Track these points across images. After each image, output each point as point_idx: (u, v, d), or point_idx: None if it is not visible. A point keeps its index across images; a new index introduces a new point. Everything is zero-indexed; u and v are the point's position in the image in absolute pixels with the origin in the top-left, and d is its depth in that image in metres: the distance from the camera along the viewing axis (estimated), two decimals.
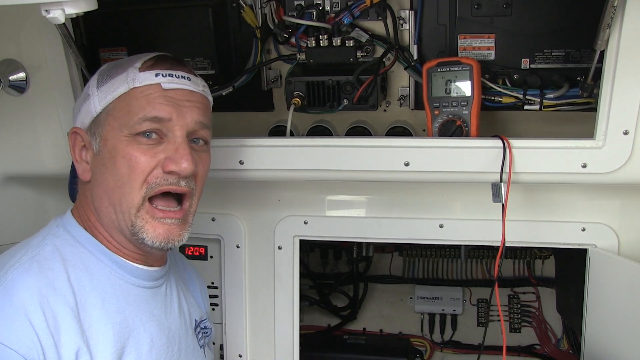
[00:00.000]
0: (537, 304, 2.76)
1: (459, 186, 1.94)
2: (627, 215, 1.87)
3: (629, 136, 1.61)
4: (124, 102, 1.42)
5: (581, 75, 1.72)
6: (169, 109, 1.41)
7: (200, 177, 1.49)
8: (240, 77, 1.93)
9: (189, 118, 1.44)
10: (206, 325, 1.78)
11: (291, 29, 1.89)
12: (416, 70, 1.85)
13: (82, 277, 1.40)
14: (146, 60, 1.46)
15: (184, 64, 1.50)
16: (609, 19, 1.51)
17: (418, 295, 2.83)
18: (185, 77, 1.46)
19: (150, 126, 1.40)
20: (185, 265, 1.84)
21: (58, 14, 1.21)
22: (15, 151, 1.96)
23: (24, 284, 1.31)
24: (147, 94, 1.41)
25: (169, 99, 1.42)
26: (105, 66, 1.51)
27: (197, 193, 1.49)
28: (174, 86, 1.43)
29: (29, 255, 1.37)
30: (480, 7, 1.76)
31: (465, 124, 1.76)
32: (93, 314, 1.38)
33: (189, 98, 1.45)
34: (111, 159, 1.41)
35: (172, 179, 1.41)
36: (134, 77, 1.42)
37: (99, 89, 1.45)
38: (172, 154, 1.40)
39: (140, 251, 1.49)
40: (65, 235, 1.46)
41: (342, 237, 2.12)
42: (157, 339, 1.51)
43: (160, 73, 1.43)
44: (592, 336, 1.90)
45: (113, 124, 1.42)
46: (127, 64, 1.45)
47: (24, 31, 1.83)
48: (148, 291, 1.53)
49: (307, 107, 1.90)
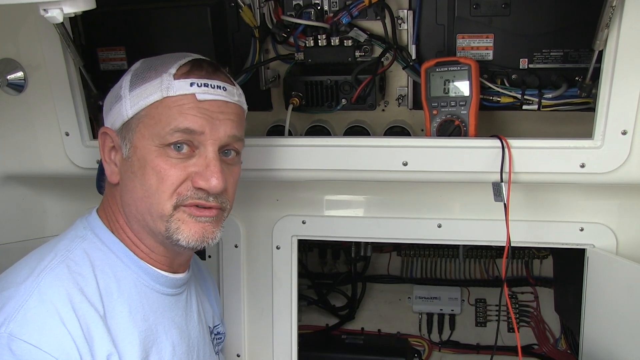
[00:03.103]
0: (536, 303, 2.76)
1: (457, 186, 1.94)
2: (625, 215, 1.87)
3: (627, 136, 1.61)
4: (156, 110, 1.37)
5: (579, 75, 1.72)
6: (201, 122, 1.36)
7: (230, 191, 1.46)
8: (238, 77, 1.92)
9: (222, 132, 1.39)
10: (219, 331, 1.78)
11: (289, 29, 1.89)
12: (414, 70, 1.85)
13: (110, 284, 1.38)
14: (182, 66, 1.40)
15: (220, 71, 1.45)
16: (607, 19, 1.51)
17: (416, 295, 2.84)
18: (221, 87, 1.41)
19: (182, 137, 1.36)
20: (201, 268, 1.83)
21: (56, 13, 1.20)
22: (14, 150, 1.96)
23: (57, 290, 1.29)
24: (181, 104, 1.36)
25: (203, 110, 1.37)
26: (138, 65, 1.46)
27: (229, 205, 1.47)
28: (208, 97, 1.38)
29: (57, 259, 1.35)
30: (478, 7, 1.76)
31: (463, 124, 1.76)
32: (120, 322, 1.37)
33: (223, 110, 1.41)
34: (141, 169, 1.38)
35: (202, 194, 1.38)
36: (169, 85, 1.37)
37: (132, 92, 1.40)
38: (202, 170, 1.37)
39: (169, 254, 1.48)
40: (93, 239, 1.44)
41: (340, 236, 2.12)
42: (179, 347, 1.50)
43: (195, 82, 1.38)
44: (590, 336, 1.90)
45: (144, 132, 1.38)
46: (162, 68, 1.40)
47: (22, 30, 1.83)
48: (171, 298, 1.52)
49: (306, 106, 1.90)
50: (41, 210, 2.17)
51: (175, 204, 1.38)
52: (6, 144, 1.96)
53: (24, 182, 2.08)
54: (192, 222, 1.39)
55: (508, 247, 1.72)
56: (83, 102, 1.88)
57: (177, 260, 1.51)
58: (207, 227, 1.41)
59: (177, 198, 1.37)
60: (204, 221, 1.41)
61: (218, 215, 1.43)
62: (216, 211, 1.42)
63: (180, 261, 1.52)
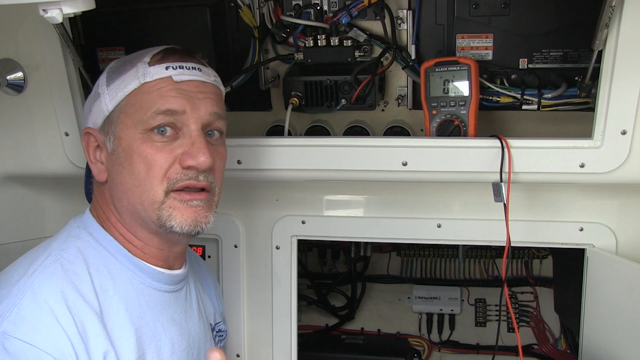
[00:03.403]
0: (535, 303, 2.76)
1: (457, 186, 1.94)
2: (624, 215, 1.87)
3: (626, 136, 1.61)
4: (136, 98, 1.39)
5: (579, 75, 1.73)
6: (182, 102, 1.39)
7: (218, 170, 1.47)
8: (238, 77, 1.92)
9: (203, 110, 1.41)
10: (221, 328, 1.78)
11: (289, 29, 1.89)
12: (414, 70, 1.85)
13: (105, 282, 1.38)
14: (155, 54, 1.43)
15: (193, 55, 1.48)
16: (606, 19, 1.51)
17: (416, 295, 2.84)
18: (196, 67, 1.43)
19: (164, 120, 1.38)
20: (200, 264, 1.83)
21: (56, 13, 1.20)
22: (13, 151, 1.96)
23: (50, 288, 1.29)
24: (159, 87, 1.39)
25: (182, 91, 1.40)
26: (113, 63, 1.49)
27: (217, 186, 1.47)
28: (185, 78, 1.41)
29: (51, 258, 1.35)
30: (478, 7, 1.76)
31: (463, 124, 1.76)
32: (116, 319, 1.37)
33: (201, 89, 1.43)
34: (127, 158, 1.39)
35: (191, 173, 1.39)
36: (144, 72, 1.39)
37: (109, 87, 1.42)
38: (188, 148, 1.38)
39: (164, 247, 1.47)
40: (87, 237, 1.44)
41: (340, 236, 2.12)
42: (178, 344, 1.50)
43: (170, 66, 1.41)
44: (589, 336, 1.90)
45: (126, 122, 1.39)
46: (136, 60, 1.43)
47: (21, 31, 1.83)
48: (169, 295, 1.51)
49: (305, 106, 1.90)
50: (41, 210, 2.17)
51: (166, 189, 1.38)
52: (6, 144, 1.96)
53: (23, 182, 2.08)
54: (184, 207, 1.40)
55: (508, 247, 1.72)
56: (83, 103, 1.87)
57: (172, 253, 1.50)
58: (199, 212, 1.41)
59: (167, 182, 1.38)
60: (196, 205, 1.41)
61: (208, 199, 1.44)
62: (206, 194, 1.43)
63: (175, 254, 1.52)
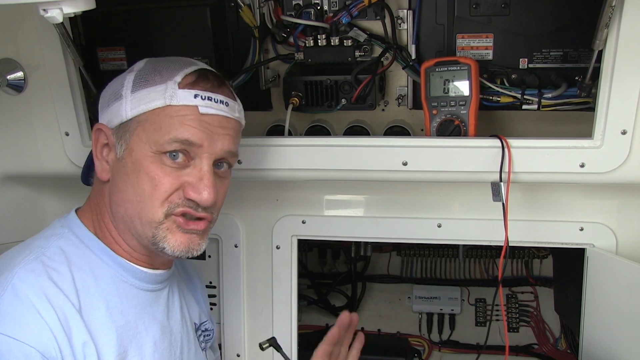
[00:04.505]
0: (535, 303, 2.76)
1: (457, 186, 1.94)
2: (625, 215, 1.87)
3: (627, 136, 1.61)
4: (157, 117, 1.37)
5: (579, 75, 1.73)
6: (201, 135, 1.37)
7: (219, 202, 1.48)
8: (238, 77, 1.92)
9: (220, 147, 1.41)
10: (207, 327, 1.78)
11: (289, 29, 1.89)
12: (414, 70, 1.85)
13: (86, 280, 1.39)
14: (187, 75, 1.40)
15: (224, 85, 1.46)
16: (607, 19, 1.51)
17: (416, 294, 2.83)
18: (223, 102, 1.42)
19: (179, 147, 1.37)
20: (186, 265, 1.84)
21: (56, 13, 1.20)
22: (13, 151, 1.96)
23: (30, 284, 1.30)
24: (183, 114, 1.37)
25: (204, 123, 1.38)
26: (142, 66, 1.45)
27: (216, 215, 1.48)
28: (210, 111, 1.39)
29: (32, 255, 1.36)
30: (478, 7, 1.76)
31: (463, 124, 1.76)
32: (97, 316, 1.37)
33: (223, 125, 1.42)
34: (134, 172, 1.39)
35: (192, 204, 1.40)
36: (173, 94, 1.37)
37: (134, 94, 1.40)
38: (195, 182, 1.38)
39: (150, 254, 1.48)
40: (70, 236, 1.44)
41: (340, 236, 2.12)
42: (160, 342, 1.51)
43: (199, 95, 1.38)
44: (590, 336, 1.90)
45: (142, 137, 1.38)
46: (167, 74, 1.40)
47: (21, 30, 1.82)
48: (151, 294, 1.52)
49: (305, 106, 1.90)
50: (41, 210, 2.16)
51: (166, 212, 1.39)
52: (6, 144, 1.95)
53: (23, 182, 2.08)
54: (180, 233, 1.41)
55: (506, 247, 1.72)
56: (83, 102, 1.88)
57: (157, 260, 1.52)
58: (193, 239, 1.43)
59: (168, 206, 1.39)
60: (191, 233, 1.43)
61: (206, 228, 1.46)
62: (205, 224, 1.44)
63: (161, 260, 1.53)
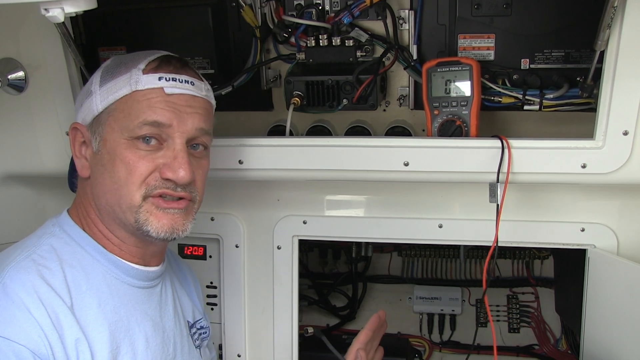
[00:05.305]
0: (536, 304, 2.76)
1: (458, 186, 1.94)
2: (626, 216, 1.87)
3: (628, 136, 1.61)
4: (126, 104, 1.41)
5: (581, 75, 1.72)
6: (169, 115, 1.41)
7: (199, 183, 1.49)
8: (239, 77, 1.92)
9: (190, 125, 1.43)
10: (202, 325, 1.78)
11: (291, 29, 1.89)
12: (416, 70, 1.85)
13: (78, 277, 1.40)
14: (150, 62, 1.44)
15: (188, 67, 1.49)
16: (609, 19, 1.50)
17: (417, 295, 2.83)
18: (188, 81, 1.45)
19: (150, 130, 1.40)
20: (180, 264, 1.84)
21: (57, 12, 1.20)
22: (14, 150, 1.96)
23: (21, 282, 1.31)
24: (149, 97, 1.41)
25: (171, 104, 1.41)
26: (109, 62, 1.50)
27: (198, 195, 1.49)
28: (176, 91, 1.42)
29: (24, 254, 1.37)
30: (480, 7, 1.76)
31: (464, 124, 1.76)
32: (89, 313, 1.38)
33: (191, 104, 1.45)
34: (110, 161, 1.41)
35: (169, 184, 1.42)
36: (137, 80, 1.41)
37: (102, 87, 1.44)
38: (170, 161, 1.41)
39: (140, 245, 1.49)
40: (61, 235, 1.46)
41: (341, 237, 2.12)
42: (152, 339, 1.51)
43: (163, 77, 1.42)
44: (591, 336, 1.90)
45: (113, 126, 1.42)
46: (131, 64, 1.44)
47: (23, 30, 1.83)
48: (143, 291, 1.53)
49: (307, 106, 1.90)
50: (41, 210, 2.16)
51: (144, 194, 1.41)
52: (6, 144, 1.96)
53: (24, 181, 2.08)
54: (160, 214, 1.42)
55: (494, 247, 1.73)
56: None
57: (149, 251, 1.52)
58: (176, 219, 1.44)
59: (145, 188, 1.40)
60: (173, 213, 1.44)
61: (188, 206, 1.46)
62: (185, 202, 1.45)
63: (152, 252, 1.54)
